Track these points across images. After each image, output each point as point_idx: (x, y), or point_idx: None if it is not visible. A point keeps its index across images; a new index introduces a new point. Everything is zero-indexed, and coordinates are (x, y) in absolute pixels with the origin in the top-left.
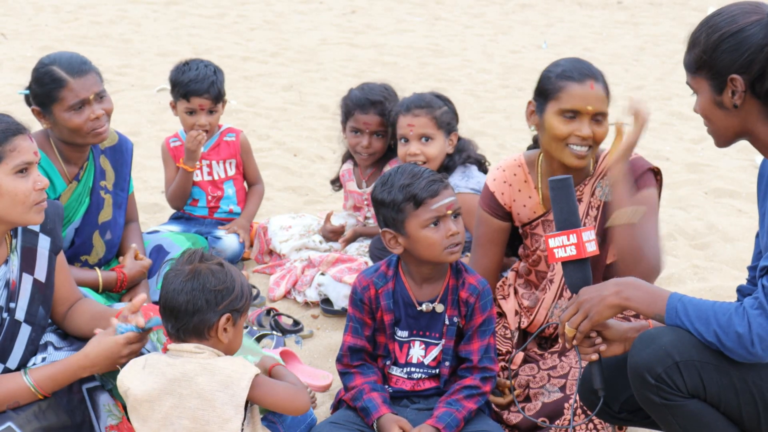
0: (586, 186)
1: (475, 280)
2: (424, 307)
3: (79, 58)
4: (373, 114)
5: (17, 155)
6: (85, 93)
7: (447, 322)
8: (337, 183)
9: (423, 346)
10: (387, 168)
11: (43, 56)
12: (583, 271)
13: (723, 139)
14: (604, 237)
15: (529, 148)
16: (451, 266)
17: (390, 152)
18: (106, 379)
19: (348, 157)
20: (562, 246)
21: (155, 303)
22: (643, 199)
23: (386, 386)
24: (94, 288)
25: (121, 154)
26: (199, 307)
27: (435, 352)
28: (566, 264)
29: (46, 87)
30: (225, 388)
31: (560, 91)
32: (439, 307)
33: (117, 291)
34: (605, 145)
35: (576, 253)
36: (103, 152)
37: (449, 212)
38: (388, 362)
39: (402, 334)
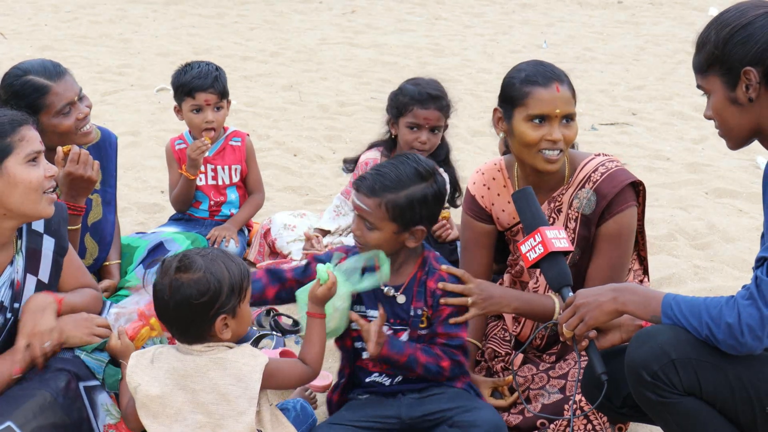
0: (564, 195)
1: (444, 270)
2: (386, 290)
3: (51, 62)
4: (433, 109)
5: (27, 144)
6: (70, 95)
7: (412, 314)
8: (351, 164)
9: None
10: None
11: (8, 70)
12: (558, 266)
13: (736, 140)
14: (584, 248)
15: (504, 153)
16: (421, 258)
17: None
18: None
19: (381, 145)
20: (531, 248)
21: None
22: (617, 232)
23: (375, 378)
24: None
25: (105, 150)
26: (190, 320)
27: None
28: (541, 264)
29: (29, 98)
30: (238, 382)
31: (527, 97)
32: (401, 298)
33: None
34: (585, 156)
35: (543, 250)
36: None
37: (355, 213)
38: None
39: (373, 314)
